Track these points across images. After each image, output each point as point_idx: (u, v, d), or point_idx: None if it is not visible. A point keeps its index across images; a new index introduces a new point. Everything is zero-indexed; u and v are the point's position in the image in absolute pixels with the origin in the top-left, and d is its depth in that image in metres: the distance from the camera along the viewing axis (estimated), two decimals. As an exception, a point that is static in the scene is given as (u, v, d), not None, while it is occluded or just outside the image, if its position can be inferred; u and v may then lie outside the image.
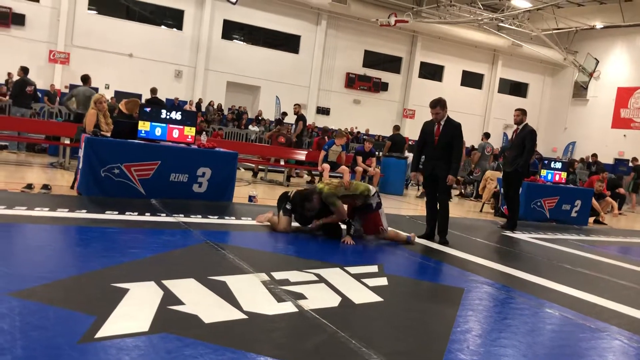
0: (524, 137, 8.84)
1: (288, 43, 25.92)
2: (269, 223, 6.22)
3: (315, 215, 6.09)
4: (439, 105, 6.66)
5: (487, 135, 15.35)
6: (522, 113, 9.00)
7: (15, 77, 12.44)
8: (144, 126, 7.07)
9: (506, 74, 31.04)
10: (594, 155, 21.02)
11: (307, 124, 20.27)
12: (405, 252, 5.92)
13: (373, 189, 6.28)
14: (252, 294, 3.65)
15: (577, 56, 28.00)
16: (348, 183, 6.17)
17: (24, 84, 11.86)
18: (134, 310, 3.09)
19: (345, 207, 6.15)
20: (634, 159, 18.86)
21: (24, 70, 12.13)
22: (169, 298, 3.32)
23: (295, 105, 14.69)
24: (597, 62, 26.13)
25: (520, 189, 9.18)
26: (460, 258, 5.95)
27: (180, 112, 7.39)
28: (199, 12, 23.63)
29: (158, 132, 7.19)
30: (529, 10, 23.34)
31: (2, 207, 5.33)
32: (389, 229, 6.37)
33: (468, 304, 4.13)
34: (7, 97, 13.51)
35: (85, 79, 11.49)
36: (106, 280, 3.51)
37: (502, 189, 10.93)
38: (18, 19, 20.65)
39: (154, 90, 15.30)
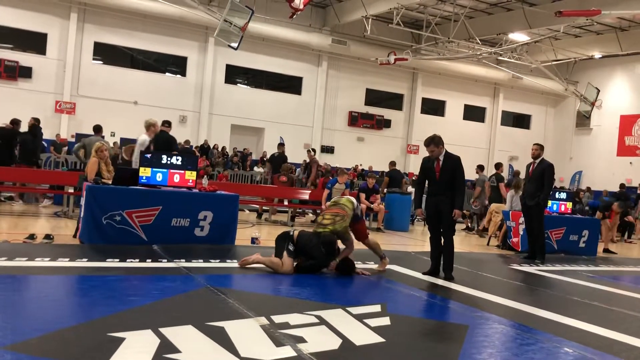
0: (542, 171, 9.14)
1: (291, 85, 26.24)
2: (258, 265, 6.02)
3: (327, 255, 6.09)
4: (432, 143, 6.69)
5: (481, 168, 15.16)
6: (540, 148, 9.37)
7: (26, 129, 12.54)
8: (144, 172, 7.12)
9: (508, 107, 31.16)
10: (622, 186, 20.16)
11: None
12: (409, 289, 5.84)
13: (353, 199, 6.57)
14: (251, 339, 3.59)
15: (578, 86, 28.15)
16: (340, 210, 6.27)
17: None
18: (129, 360, 3.04)
19: None
20: (635, 184, 18.66)
21: (37, 121, 12.31)
22: (165, 346, 3.27)
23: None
24: (598, 91, 26.24)
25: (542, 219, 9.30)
26: (465, 294, 5.85)
27: (180, 157, 7.44)
28: (201, 59, 24.04)
29: (159, 177, 7.22)
30: (527, 43, 23.59)
31: (3, 259, 5.32)
32: (374, 240, 6.78)
33: (473, 341, 4.04)
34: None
35: (97, 129, 11.63)
36: (103, 330, 3.47)
37: (507, 222, 10.88)
38: (25, 72, 21.05)
39: (187, 142, 15.93)
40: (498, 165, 14.04)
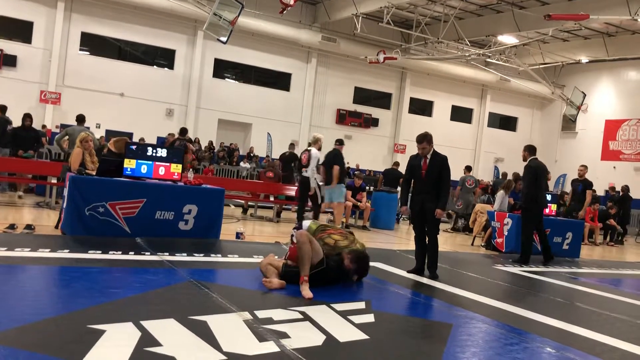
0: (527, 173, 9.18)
1: (279, 81, 26.14)
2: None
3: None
4: (425, 140, 6.68)
5: (468, 169, 15.27)
6: (525, 150, 9.31)
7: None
8: (129, 164, 7.02)
9: (495, 109, 31.33)
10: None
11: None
12: (394, 287, 5.83)
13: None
14: (233, 333, 3.56)
15: (565, 90, 28.36)
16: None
17: (5, 123, 11.71)
18: (109, 352, 2.99)
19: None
20: (618, 189, 18.87)
21: (2, 109, 11.96)
22: (147, 339, 3.22)
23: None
24: (584, 95, 26.46)
25: (527, 222, 9.30)
26: (449, 293, 5.86)
27: (166, 150, 7.36)
28: (190, 52, 23.86)
29: (144, 169, 7.14)
30: (516, 46, 23.72)
31: (-18, 248, 5.22)
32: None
33: (457, 340, 4.04)
34: None
35: (81, 118, 11.43)
36: (83, 322, 3.41)
37: (492, 222, 10.92)
38: (10, 60, 20.74)
39: (171, 135, 15.30)
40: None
